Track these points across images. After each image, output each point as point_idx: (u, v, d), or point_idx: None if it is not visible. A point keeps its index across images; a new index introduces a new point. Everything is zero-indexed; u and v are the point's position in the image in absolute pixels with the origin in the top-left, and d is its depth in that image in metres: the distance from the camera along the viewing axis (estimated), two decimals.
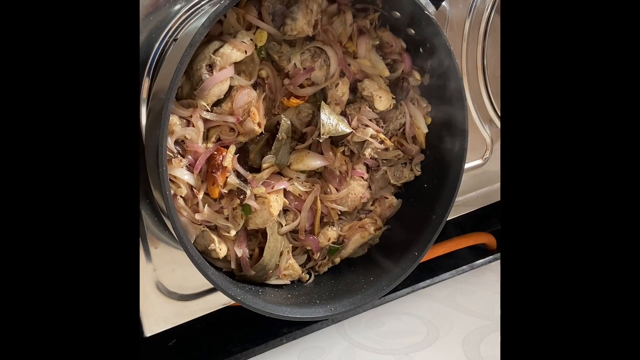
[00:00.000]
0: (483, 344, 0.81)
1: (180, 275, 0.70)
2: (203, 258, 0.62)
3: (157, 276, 0.69)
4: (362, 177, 0.73)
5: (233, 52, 0.61)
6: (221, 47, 0.61)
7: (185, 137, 0.61)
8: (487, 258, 1.02)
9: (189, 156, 0.62)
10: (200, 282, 0.71)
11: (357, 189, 0.73)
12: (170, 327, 0.71)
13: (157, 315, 0.69)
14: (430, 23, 0.66)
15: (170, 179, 0.60)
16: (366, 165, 0.75)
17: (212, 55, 0.61)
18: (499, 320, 0.84)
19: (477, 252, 1.03)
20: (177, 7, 0.66)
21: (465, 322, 0.86)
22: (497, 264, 1.02)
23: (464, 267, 1.00)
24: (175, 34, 0.65)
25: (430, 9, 0.69)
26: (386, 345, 0.81)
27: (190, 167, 0.62)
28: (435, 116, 0.75)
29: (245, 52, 0.62)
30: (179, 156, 0.61)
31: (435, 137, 0.75)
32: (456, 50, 0.68)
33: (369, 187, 0.75)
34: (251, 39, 0.64)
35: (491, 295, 0.92)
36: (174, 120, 0.60)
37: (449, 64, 0.68)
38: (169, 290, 0.70)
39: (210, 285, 0.72)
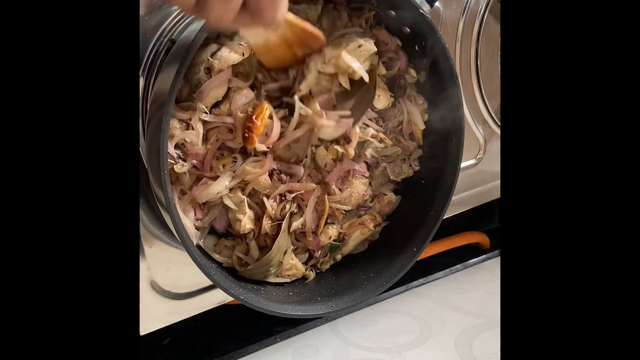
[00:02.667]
0: (475, 342, 0.81)
1: (174, 274, 0.70)
2: (205, 258, 0.62)
3: (151, 275, 0.69)
4: (364, 176, 0.73)
5: (231, 54, 0.61)
6: (219, 50, 0.61)
7: (185, 140, 0.61)
8: (480, 257, 1.03)
9: (193, 160, 0.62)
10: (195, 281, 0.71)
11: (359, 188, 0.73)
12: (164, 325, 0.71)
13: (152, 314, 0.69)
14: (425, 22, 0.67)
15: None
16: (366, 162, 0.75)
17: (210, 58, 0.61)
18: (492, 318, 0.86)
19: (471, 251, 1.04)
20: (171, 8, 0.66)
21: (458, 321, 0.86)
22: (490, 263, 1.03)
23: (458, 266, 1.00)
24: (171, 34, 0.65)
25: (425, 7, 0.69)
26: (379, 343, 0.82)
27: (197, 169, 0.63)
28: (431, 114, 0.75)
29: (243, 54, 0.62)
30: (180, 161, 0.61)
31: (432, 134, 0.75)
32: (450, 51, 0.69)
33: (370, 184, 0.75)
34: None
35: (484, 294, 0.93)
36: (174, 123, 0.60)
37: (445, 62, 0.68)
38: (163, 289, 0.70)
39: (205, 284, 0.73)
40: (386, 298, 0.91)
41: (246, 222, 0.65)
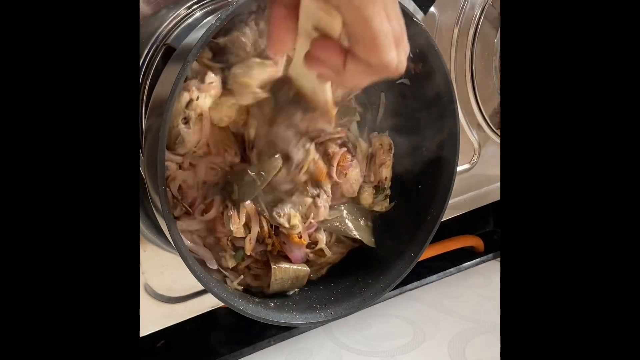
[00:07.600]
0: (468, 346, 0.82)
1: (168, 278, 0.70)
2: (206, 273, 0.62)
3: (145, 279, 0.69)
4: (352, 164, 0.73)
5: (205, 100, 0.59)
6: (191, 101, 0.59)
7: (184, 181, 0.62)
8: (474, 260, 1.03)
9: (184, 203, 0.62)
10: (189, 285, 0.72)
11: (354, 174, 0.73)
12: (158, 329, 0.71)
13: (146, 318, 0.70)
14: (419, 29, 0.67)
15: None
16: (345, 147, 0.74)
17: (185, 110, 0.59)
18: (485, 322, 0.86)
19: (465, 255, 1.04)
20: (167, 12, 0.67)
21: (451, 325, 0.87)
22: (483, 267, 1.04)
23: (451, 269, 1.01)
24: (166, 38, 0.66)
25: (419, 15, 0.70)
26: (373, 347, 0.82)
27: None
28: (426, 120, 0.75)
29: (215, 93, 0.60)
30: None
31: (427, 139, 0.75)
32: (445, 56, 0.69)
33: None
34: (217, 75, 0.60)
35: (477, 298, 0.93)
36: (172, 166, 0.61)
37: (439, 69, 0.69)
38: (157, 293, 0.70)
39: (199, 288, 0.73)
40: (380, 301, 0.91)
41: (229, 259, 0.65)
